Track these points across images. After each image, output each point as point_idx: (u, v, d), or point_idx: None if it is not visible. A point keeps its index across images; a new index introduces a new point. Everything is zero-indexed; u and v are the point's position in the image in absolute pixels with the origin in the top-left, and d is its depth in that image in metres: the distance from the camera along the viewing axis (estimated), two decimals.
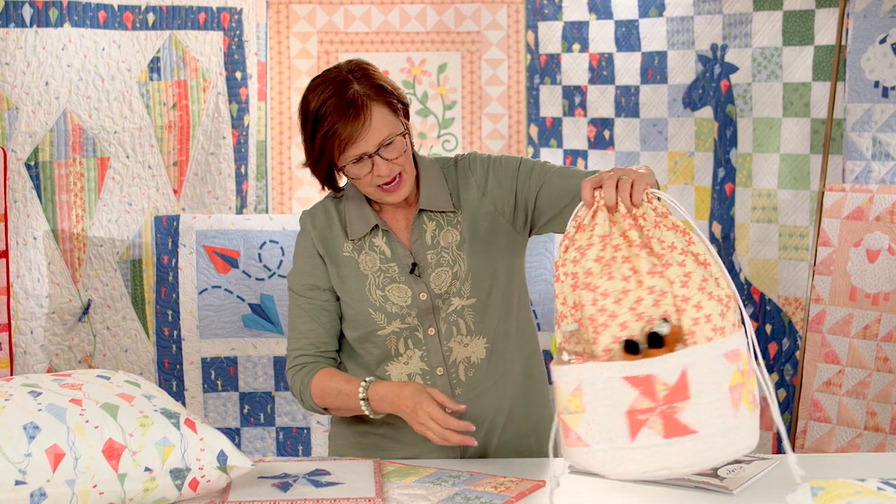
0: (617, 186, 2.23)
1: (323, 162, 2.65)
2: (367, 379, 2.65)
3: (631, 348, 2.16)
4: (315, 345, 2.77)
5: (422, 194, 2.74)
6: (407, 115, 2.70)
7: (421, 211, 2.74)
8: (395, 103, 2.65)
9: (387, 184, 2.64)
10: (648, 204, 2.25)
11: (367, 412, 2.64)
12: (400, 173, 2.65)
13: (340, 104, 2.58)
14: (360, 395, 2.63)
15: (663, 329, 2.17)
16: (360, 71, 2.64)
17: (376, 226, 2.74)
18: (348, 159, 2.61)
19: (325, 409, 2.76)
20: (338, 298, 2.77)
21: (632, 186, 2.23)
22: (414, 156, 2.75)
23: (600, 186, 2.25)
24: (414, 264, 2.72)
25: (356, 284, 2.73)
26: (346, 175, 2.68)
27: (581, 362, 2.19)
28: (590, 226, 2.26)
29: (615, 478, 2.17)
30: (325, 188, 2.77)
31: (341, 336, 2.83)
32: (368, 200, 2.76)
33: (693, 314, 2.17)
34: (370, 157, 2.60)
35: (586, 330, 2.20)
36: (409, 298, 2.70)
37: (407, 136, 2.66)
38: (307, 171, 2.74)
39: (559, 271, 2.26)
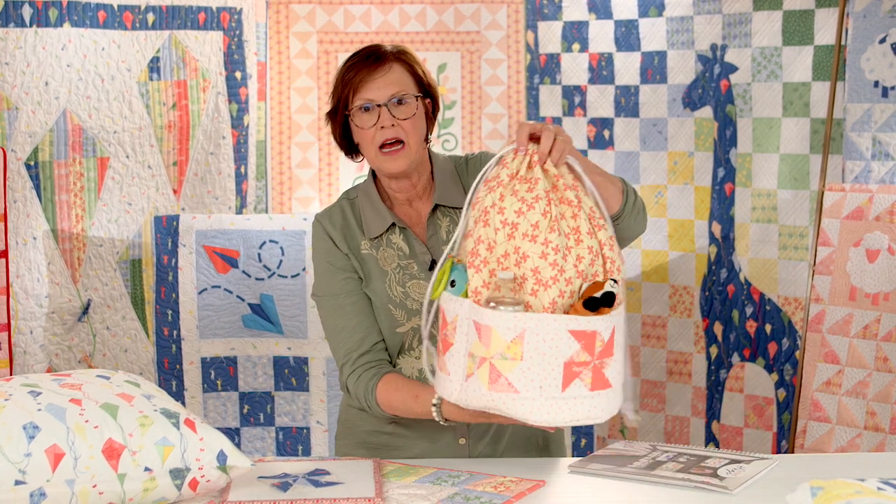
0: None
1: (339, 109, 2.73)
2: (434, 402, 2.58)
3: (591, 305, 2.30)
4: (370, 339, 2.74)
5: (436, 189, 2.77)
6: (435, 106, 2.78)
7: (435, 209, 2.77)
8: (421, 77, 2.74)
9: (388, 145, 2.68)
10: (565, 167, 2.42)
11: (446, 425, 2.65)
12: (404, 142, 2.68)
13: (367, 55, 2.72)
14: (437, 419, 2.58)
15: (616, 289, 2.33)
16: (399, 48, 2.76)
17: (393, 224, 2.76)
18: (358, 103, 2.68)
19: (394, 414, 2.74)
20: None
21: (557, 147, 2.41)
22: (430, 153, 2.81)
23: (537, 137, 2.41)
24: (433, 261, 2.74)
25: (378, 281, 2.75)
26: (354, 125, 2.71)
27: (514, 310, 2.30)
28: (531, 179, 2.38)
29: (537, 423, 2.30)
30: (341, 149, 2.81)
31: None
32: (382, 199, 2.79)
33: (617, 276, 2.39)
34: (378, 107, 2.66)
35: (527, 281, 2.32)
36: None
37: (420, 104, 2.72)
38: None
39: (490, 216, 2.36)
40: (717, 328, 4.33)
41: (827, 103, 3.99)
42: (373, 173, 2.83)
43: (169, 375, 4.09)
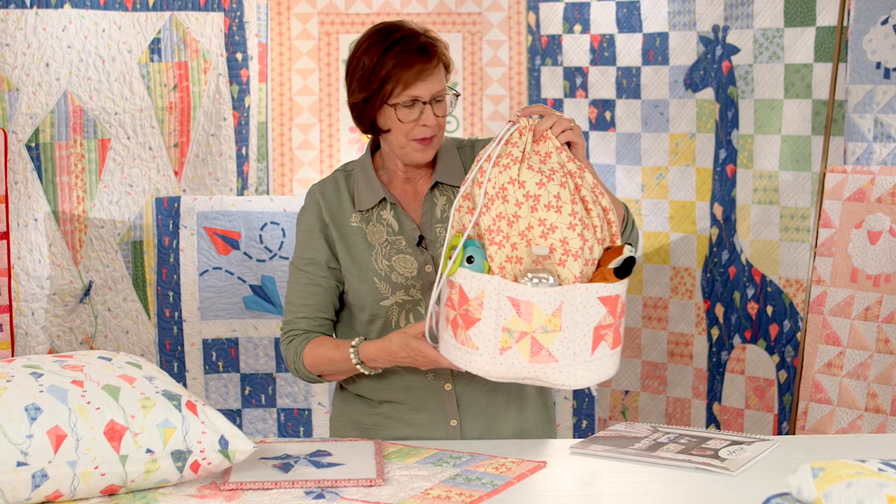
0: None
1: (377, 98, 2.69)
2: (354, 343, 2.69)
3: (622, 273, 2.43)
4: (308, 318, 2.80)
5: (437, 167, 2.79)
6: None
7: (433, 187, 2.78)
8: (447, 72, 2.78)
9: (425, 138, 2.70)
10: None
11: (365, 372, 2.70)
12: (435, 135, 2.72)
13: (414, 44, 2.69)
14: (354, 361, 2.68)
15: (634, 253, 2.47)
16: (434, 35, 2.77)
17: (384, 199, 2.76)
18: (403, 98, 2.66)
19: (320, 375, 2.80)
20: (336, 276, 2.79)
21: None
22: None
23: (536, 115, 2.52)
24: (421, 237, 2.75)
25: (363, 254, 2.76)
26: (395, 116, 2.69)
27: (552, 283, 2.39)
28: (541, 153, 2.46)
29: (569, 386, 2.41)
30: (364, 133, 2.82)
31: (340, 319, 2.86)
32: (376, 173, 2.80)
33: (619, 240, 2.53)
34: (424, 104, 2.68)
35: (555, 252, 2.40)
36: (414, 270, 2.73)
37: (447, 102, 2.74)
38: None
39: (508, 192, 2.42)
40: (719, 310, 4.33)
41: (829, 85, 3.98)
42: (370, 149, 2.84)
43: (170, 357, 4.10)
